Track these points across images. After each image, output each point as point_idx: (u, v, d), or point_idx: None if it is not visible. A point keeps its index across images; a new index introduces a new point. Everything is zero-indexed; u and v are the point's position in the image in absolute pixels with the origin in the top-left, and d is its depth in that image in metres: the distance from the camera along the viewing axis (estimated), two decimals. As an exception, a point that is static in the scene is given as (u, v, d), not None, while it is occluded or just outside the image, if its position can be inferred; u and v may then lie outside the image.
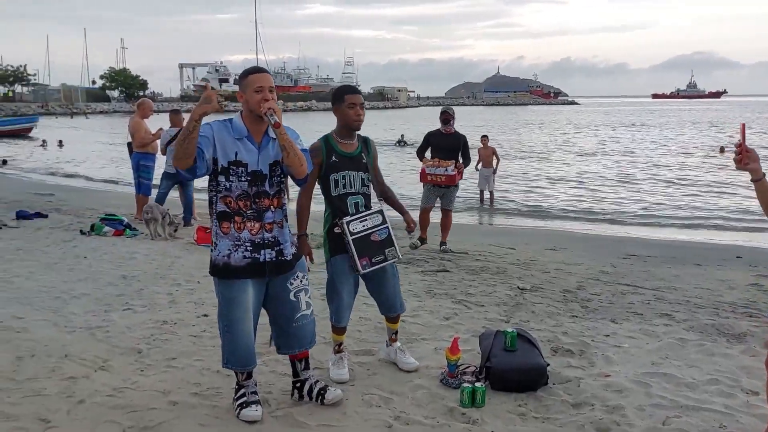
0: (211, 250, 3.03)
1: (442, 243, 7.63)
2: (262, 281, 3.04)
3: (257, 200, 2.94)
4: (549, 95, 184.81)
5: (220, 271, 2.98)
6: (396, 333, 3.82)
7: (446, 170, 7.48)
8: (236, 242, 2.95)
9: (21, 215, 8.76)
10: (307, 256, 3.38)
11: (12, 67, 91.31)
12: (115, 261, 6.38)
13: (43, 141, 30.17)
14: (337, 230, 3.48)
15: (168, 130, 8.65)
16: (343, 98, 3.50)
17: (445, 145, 7.58)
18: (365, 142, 3.66)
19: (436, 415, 3.16)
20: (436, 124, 7.87)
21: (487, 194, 13.11)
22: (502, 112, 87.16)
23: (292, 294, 3.08)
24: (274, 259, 2.99)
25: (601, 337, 4.39)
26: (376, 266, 3.49)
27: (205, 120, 2.79)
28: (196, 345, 4.15)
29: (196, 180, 8.64)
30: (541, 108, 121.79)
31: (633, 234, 10.37)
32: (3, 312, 4.70)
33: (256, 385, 3.18)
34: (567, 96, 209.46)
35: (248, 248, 2.95)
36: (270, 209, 2.97)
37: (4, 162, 21.49)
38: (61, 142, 29.83)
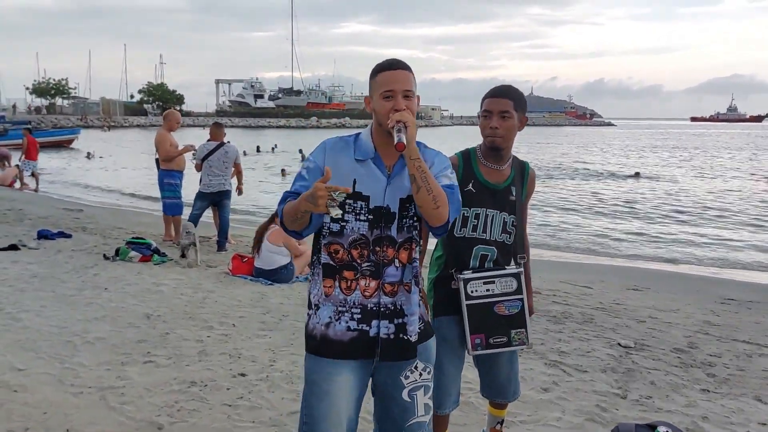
0: (308, 313, 2.09)
1: None
2: (369, 363, 2.04)
3: (378, 249, 1.97)
4: (584, 116, 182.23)
5: (316, 347, 2.03)
6: (502, 423, 2.84)
7: None
8: (340, 307, 1.99)
9: (42, 235, 8.01)
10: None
11: (54, 80, 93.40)
12: (139, 295, 5.54)
13: (88, 153, 30.55)
14: (454, 285, 2.49)
15: (206, 144, 7.84)
16: (482, 102, 2.52)
17: None
18: (522, 170, 2.62)
19: None
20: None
21: None
22: (546, 134, 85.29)
23: (405, 392, 2.05)
24: (390, 337, 2.00)
25: (755, 426, 3.36)
26: (493, 350, 2.50)
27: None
28: (230, 420, 3.25)
29: (232, 200, 8.27)
30: (580, 129, 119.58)
31: (715, 269, 9.23)
32: (2, 360, 3.90)
33: None
34: (601, 117, 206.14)
35: (355, 316, 1.99)
36: (394, 264, 1.99)
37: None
38: (89, 154, 30.18)
